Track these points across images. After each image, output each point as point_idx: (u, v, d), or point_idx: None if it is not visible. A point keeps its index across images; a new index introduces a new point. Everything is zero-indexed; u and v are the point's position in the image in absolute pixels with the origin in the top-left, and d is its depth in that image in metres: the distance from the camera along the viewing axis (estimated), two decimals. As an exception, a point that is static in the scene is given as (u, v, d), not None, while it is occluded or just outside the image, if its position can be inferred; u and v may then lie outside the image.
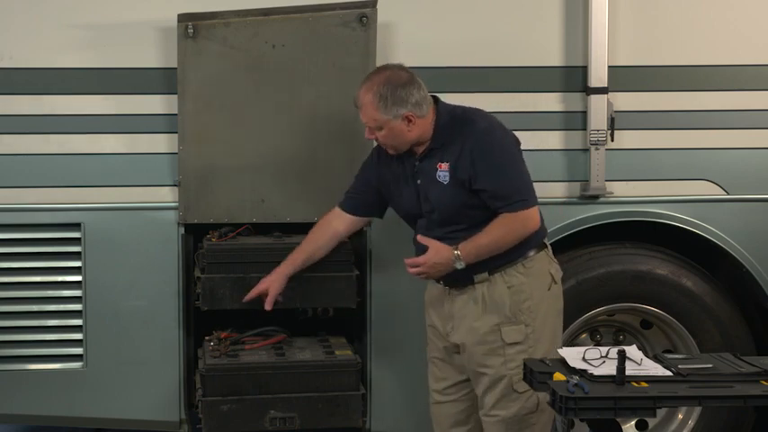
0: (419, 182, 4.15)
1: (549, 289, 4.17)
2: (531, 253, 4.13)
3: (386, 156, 4.25)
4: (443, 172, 4.08)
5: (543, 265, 4.18)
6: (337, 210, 4.40)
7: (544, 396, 4.04)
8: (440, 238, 4.10)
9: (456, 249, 4.04)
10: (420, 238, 4.14)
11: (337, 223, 4.41)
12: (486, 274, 4.10)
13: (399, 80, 4.06)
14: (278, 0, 4.55)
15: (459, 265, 4.04)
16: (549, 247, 4.26)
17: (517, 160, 4.11)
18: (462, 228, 4.09)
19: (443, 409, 4.37)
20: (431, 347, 4.36)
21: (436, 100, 4.18)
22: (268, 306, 4.37)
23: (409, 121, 4.06)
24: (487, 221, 4.06)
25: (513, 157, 4.10)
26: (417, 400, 4.47)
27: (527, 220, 4.06)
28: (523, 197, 4.06)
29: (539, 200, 4.21)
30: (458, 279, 4.14)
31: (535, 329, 4.11)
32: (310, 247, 4.41)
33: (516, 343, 4.09)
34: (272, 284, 4.37)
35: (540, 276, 4.16)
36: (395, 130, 4.07)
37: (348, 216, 4.40)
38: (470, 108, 4.18)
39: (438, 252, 4.07)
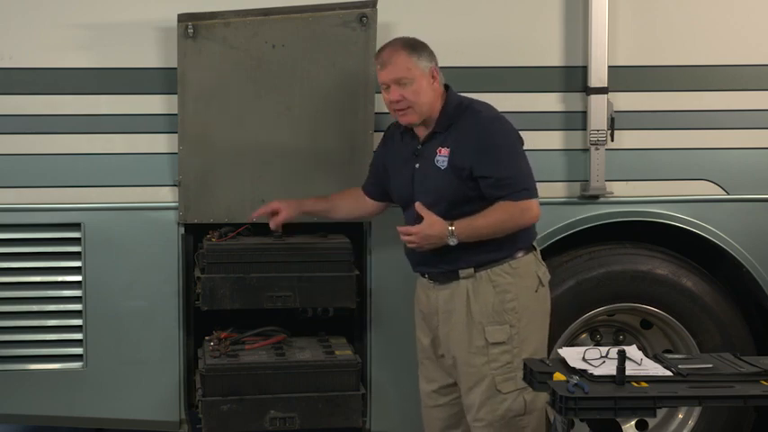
0: (417, 165, 4.16)
1: (536, 291, 4.16)
2: (519, 254, 4.13)
3: (392, 139, 4.30)
4: (442, 157, 4.09)
5: (530, 267, 4.16)
6: (361, 191, 4.46)
7: (532, 397, 4.05)
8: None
9: (451, 225, 4.01)
10: (418, 206, 4.07)
11: (362, 200, 4.45)
12: (471, 270, 4.09)
13: (421, 41, 4.14)
14: (278, 0, 4.55)
15: (452, 242, 4.01)
16: (538, 250, 4.25)
17: (520, 152, 4.12)
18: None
19: (433, 413, 4.37)
20: (419, 347, 4.37)
21: (447, 87, 4.20)
22: (273, 225, 4.41)
23: (433, 78, 4.10)
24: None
25: (516, 148, 4.11)
26: (417, 400, 4.46)
27: (527, 210, 4.05)
28: (526, 186, 4.05)
29: (539, 200, 4.21)
30: (443, 273, 4.14)
31: (520, 331, 4.10)
32: (336, 200, 4.43)
33: (500, 343, 4.08)
34: (285, 208, 4.41)
35: (527, 278, 4.14)
36: (422, 85, 4.07)
37: (368, 199, 4.45)
38: (478, 101, 4.20)
39: (432, 225, 4.03)
